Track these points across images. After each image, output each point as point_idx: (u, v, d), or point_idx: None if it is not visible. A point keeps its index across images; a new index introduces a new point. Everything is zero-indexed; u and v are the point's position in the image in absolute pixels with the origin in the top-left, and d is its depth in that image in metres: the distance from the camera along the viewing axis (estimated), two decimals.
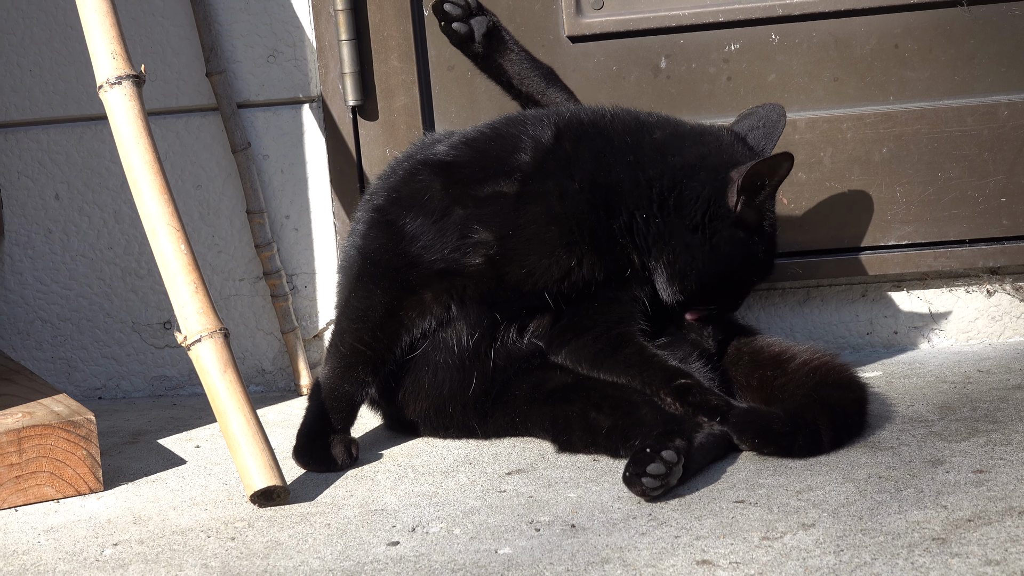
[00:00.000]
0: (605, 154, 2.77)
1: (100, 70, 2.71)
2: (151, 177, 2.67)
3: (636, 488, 2.43)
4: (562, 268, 2.75)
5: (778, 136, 2.94)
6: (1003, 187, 3.26)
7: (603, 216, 2.75)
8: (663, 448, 2.43)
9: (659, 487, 2.42)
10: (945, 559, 2.08)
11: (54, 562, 2.37)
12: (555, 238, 2.74)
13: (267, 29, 3.38)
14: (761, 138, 2.92)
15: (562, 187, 2.74)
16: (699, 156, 2.79)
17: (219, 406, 2.59)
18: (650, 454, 2.42)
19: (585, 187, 2.75)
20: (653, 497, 2.42)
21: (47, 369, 3.48)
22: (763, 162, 2.73)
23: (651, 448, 2.43)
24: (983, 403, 2.82)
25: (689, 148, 2.80)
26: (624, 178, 2.76)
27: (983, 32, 3.25)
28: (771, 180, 2.74)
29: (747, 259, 2.81)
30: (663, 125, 2.85)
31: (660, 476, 2.41)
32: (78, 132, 3.44)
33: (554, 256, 2.74)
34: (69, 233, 3.46)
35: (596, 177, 2.76)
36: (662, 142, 2.80)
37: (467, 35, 3.02)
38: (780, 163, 2.73)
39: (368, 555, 2.29)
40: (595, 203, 2.75)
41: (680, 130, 2.84)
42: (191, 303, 2.63)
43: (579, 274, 2.76)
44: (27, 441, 2.66)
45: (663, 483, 2.42)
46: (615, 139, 2.79)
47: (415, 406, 2.84)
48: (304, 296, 3.44)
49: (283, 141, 3.41)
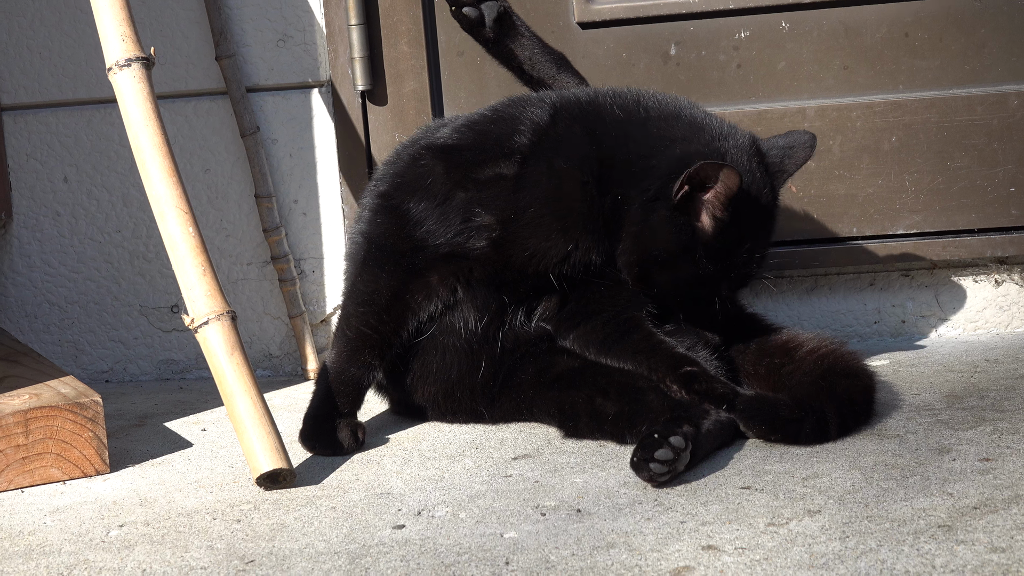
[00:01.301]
0: (597, 130, 2.75)
1: (109, 52, 2.71)
2: (160, 160, 2.67)
3: (643, 473, 2.43)
4: (560, 251, 2.74)
5: (801, 158, 2.81)
6: (1012, 176, 3.26)
7: (595, 195, 2.73)
8: (671, 434, 2.43)
9: (666, 472, 2.42)
10: (951, 546, 2.08)
11: (60, 543, 2.37)
12: (551, 221, 2.73)
13: (277, 13, 3.38)
14: (780, 155, 2.80)
15: (553, 167, 2.73)
16: (682, 136, 2.73)
17: (226, 389, 2.59)
18: (658, 440, 2.42)
19: (575, 165, 2.73)
20: (660, 483, 2.42)
21: (54, 352, 3.49)
22: (712, 163, 2.61)
23: (659, 434, 2.43)
24: (990, 392, 2.82)
25: (678, 127, 2.74)
26: (611, 154, 2.73)
27: (994, 21, 3.24)
28: (715, 184, 2.63)
29: (684, 257, 2.70)
30: (665, 104, 2.79)
31: (668, 462, 2.41)
32: (87, 115, 3.44)
33: (551, 239, 2.73)
34: (77, 216, 3.46)
35: (587, 154, 2.73)
36: (651, 118, 2.76)
37: (478, 20, 3.01)
38: (721, 169, 2.60)
39: (373, 538, 2.29)
40: (585, 181, 2.72)
41: (680, 112, 2.78)
42: (199, 286, 2.63)
43: (577, 257, 2.75)
44: (34, 423, 2.66)
45: (670, 469, 2.42)
46: (607, 116, 2.77)
47: (423, 390, 2.84)
48: (312, 281, 3.44)
49: (292, 125, 3.40)
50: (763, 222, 2.76)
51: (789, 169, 2.81)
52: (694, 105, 2.83)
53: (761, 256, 2.76)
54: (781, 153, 2.80)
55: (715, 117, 2.80)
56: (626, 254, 2.73)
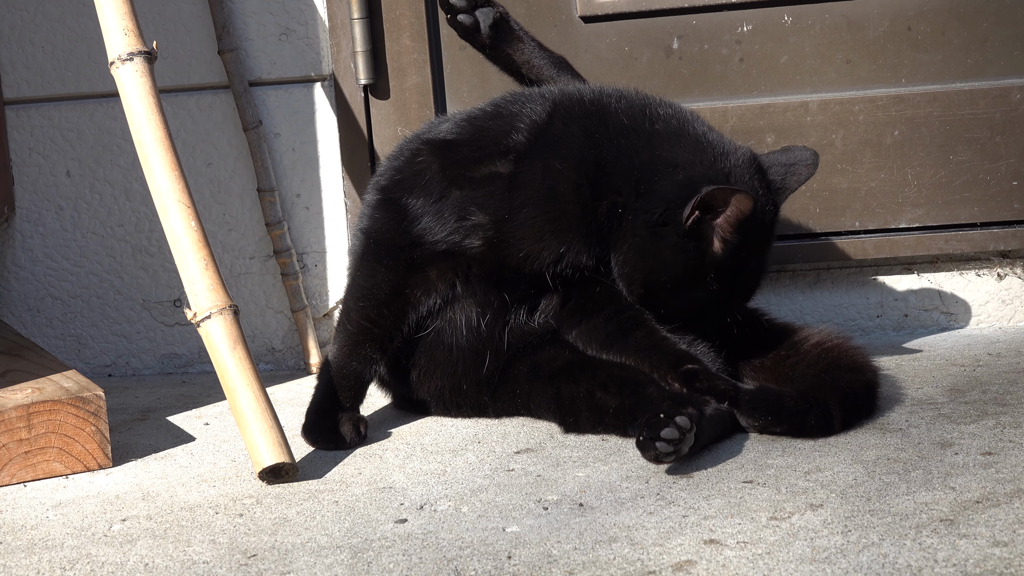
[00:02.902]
0: (597, 134, 2.74)
1: (112, 46, 2.71)
2: (162, 154, 2.67)
3: (649, 453, 2.43)
4: (553, 253, 2.73)
5: (804, 175, 2.79)
6: (1015, 170, 3.25)
7: (589, 197, 2.71)
8: (676, 414, 2.44)
9: (672, 452, 2.42)
10: (953, 540, 2.08)
11: (62, 537, 2.38)
12: (543, 222, 2.72)
13: (279, 7, 3.37)
14: (783, 172, 2.78)
15: (548, 168, 2.72)
16: (685, 159, 2.70)
17: (228, 383, 2.59)
18: (664, 419, 2.43)
19: (571, 167, 2.72)
20: (665, 462, 2.43)
21: (57, 346, 3.49)
22: (723, 188, 2.60)
23: (665, 414, 2.44)
24: (993, 386, 2.82)
25: (681, 148, 2.71)
26: (611, 160, 2.72)
27: (996, 15, 3.24)
28: (725, 209, 2.62)
29: (695, 281, 2.70)
30: (670, 119, 2.76)
31: (673, 441, 2.42)
32: (90, 109, 3.44)
33: (544, 241, 2.72)
34: (80, 210, 3.46)
35: (584, 156, 2.72)
36: (657, 134, 2.73)
37: (472, 27, 3.02)
38: (733, 194, 2.60)
39: (376, 532, 2.29)
40: (580, 184, 2.71)
41: (684, 129, 2.75)
42: (201, 280, 2.63)
43: (570, 259, 2.74)
44: (36, 417, 2.66)
45: (676, 449, 2.42)
46: (611, 120, 2.75)
47: (429, 385, 2.84)
48: (314, 275, 3.44)
49: (295, 119, 3.40)
50: (766, 238, 2.76)
51: (792, 186, 2.80)
52: (696, 118, 2.80)
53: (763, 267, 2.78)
54: (783, 171, 2.79)
55: (716, 132, 2.78)
56: (627, 271, 2.73)
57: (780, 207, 2.79)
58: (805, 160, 2.81)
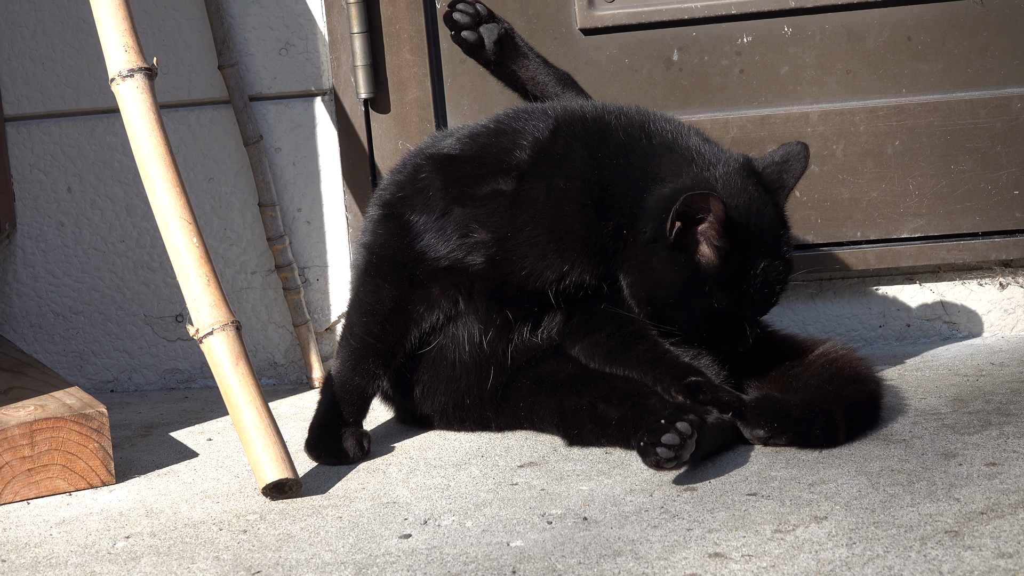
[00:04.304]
0: (599, 152, 2.73)
1: (112, 63, 2.71)
2: (163, 170, 2.67)
3: (650, 459, 2.43)
4: (556, 272, 2.73)
5: (798, 169, 2.78)
6: (1016, 180, 3.25)
7: (594, 218, 2.71)
8: (677, 420, 2.44)
9: (673, 459, 2.42)
10: (958, 552, 2.08)
11: (66, 555, 2.37)
12: (546, 241, 2.72)
13: (279, 22, 3.38)
14: (778, 170, 2.77)
15: (552, 187, 2.72)
16: (673, 173, 2.69)
17: (231, 399, 2.59)
18: (664, 425, 2.43)
19: (574, 186, 2.71)
20: (666, 468, 2.43)
21: (59, 362, 3.49)
22: (696, 194, 2.58)
23: (666, 420, 2.45)
24: (996, 396, 2.82)
25: (671, 162, 2.70)
26: (612, 180, 2.71)
27: (996, 24, 3.24)
28: (707, 215, 2.60)
29: (694, 293, 2.68)
30: (665, 134, 2.75)
31: (674, 447, 2.42)
32: (90, 125, 3.44)
33: (547, 259, 2.72)
34: (81, 226, 3.46)
35: (588, 175, 2.71)
36: (652, 149, 2.73)
37: (477, 43, 3.02)
38: (707, 198, 2.57)
39: (380, 548, 2.29)
40: (584, 204, 2.71)
41: (676, 143, 2.74)
42: (203, 296, 2.63)
43: (572, 278, 2.74)
44: (39, 434, 2.66)
45: (677, 455, 2.42)
46: (611, 138, 2.74)
47: (432, 400, 2.84)
48: (316, 289, 3.44)
49: (295, 134, 3.41)
50: (772, 240, 2.71)
51: (788, 183, 2.78)
52: (692, 131, 2.79)
53: (779, 273, 2.72)
54: (778, 169, 2.77)
55: (709, 144, 2.76)
56: (633, 291, 2.72)
57: (783, 206, 2.77)
58: (796, 154, 2.79)
